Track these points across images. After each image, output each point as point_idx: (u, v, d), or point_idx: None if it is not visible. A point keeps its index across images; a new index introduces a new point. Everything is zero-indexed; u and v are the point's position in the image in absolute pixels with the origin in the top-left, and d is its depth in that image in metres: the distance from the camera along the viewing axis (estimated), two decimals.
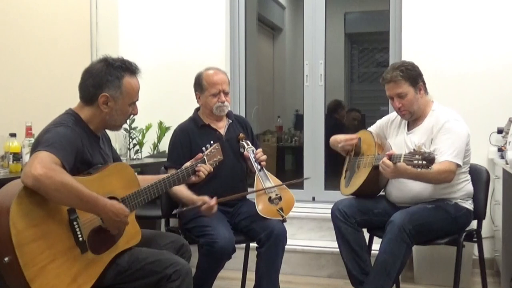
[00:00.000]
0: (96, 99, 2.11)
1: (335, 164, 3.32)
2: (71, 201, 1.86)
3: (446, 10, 3.98)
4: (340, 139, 3.06)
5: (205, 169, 2.39)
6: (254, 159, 2.92)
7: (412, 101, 2.77)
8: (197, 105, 3.07)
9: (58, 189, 1.79)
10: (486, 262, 2.85)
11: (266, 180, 2.88)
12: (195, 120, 3.01)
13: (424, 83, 2.82)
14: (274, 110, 7.31)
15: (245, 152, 2.94)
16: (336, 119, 5.96)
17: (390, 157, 2.58)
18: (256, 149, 2.97)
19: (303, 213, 4.07)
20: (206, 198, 2.64)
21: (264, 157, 2.96)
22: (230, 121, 3.05)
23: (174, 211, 2.68)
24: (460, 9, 3.95)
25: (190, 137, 2.92)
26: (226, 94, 2.95)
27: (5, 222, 1.70)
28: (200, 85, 2.95)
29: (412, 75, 2.77)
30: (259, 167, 2.91)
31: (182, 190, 2.69)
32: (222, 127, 3.02)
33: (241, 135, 3.00)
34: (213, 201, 2.63)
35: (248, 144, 2.96)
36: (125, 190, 2.13)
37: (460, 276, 2.72)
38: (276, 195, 2.84)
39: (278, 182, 2.91)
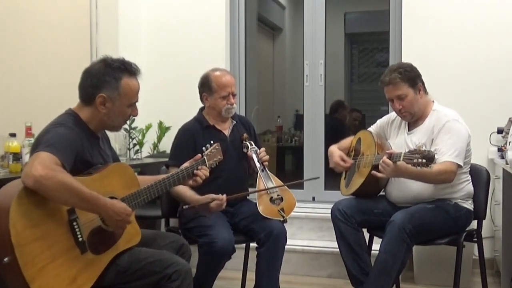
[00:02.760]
0: (94, 100, 2.11)
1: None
2: (71, 201, 1.86)
3: (446, 10, 3.98)
4: (334, 160, 3.01)
5: (203, 173, 2.39)
6: (257, 160, 2.92)
7: (412, 102, 2.77)
8: (198, 105, 3.06)
9: (58, 190, 1.79)
10: (486, 262, 2.85)
11: (268, 181, 2.89)
12: (199, 120, 3.00)
13: (423, 83, 2.82)
14: (274, 110, 7.31)
15: (249, 152, 2.95)
16: (338, 119, 5.96)
17: (390, 156, 2.59)
18: (259, 150, 2.98)
19: (303, 213, 4.07)
20: (213, 195, 2.65)
21: (267, 157, 2.97)
22: (235, 122, 3.05)
23: (185, 207, 2.67)
24: (460, 9, 3.95)
25: (194, 137, 2.91)
26: (234, 96, 2.95)
27: (4, 223, 1.70)
28: (208, 86, 2.94)
29: (411, 76, 2.77)
30: (261, 167, 2.92)
31: (185, 191, 2.70)
32: (226, 128, 3.02)
33: (245, 135, 3.01)
34: (224, 197, 2.66)
35: (251, 145, 2.97)
36: (125, 190, 2.13)
37: (460, 276, 2.72)
38: (278, 195, 2.85)
39: (280, 183, 2.92)
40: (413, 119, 2.85)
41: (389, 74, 2.78)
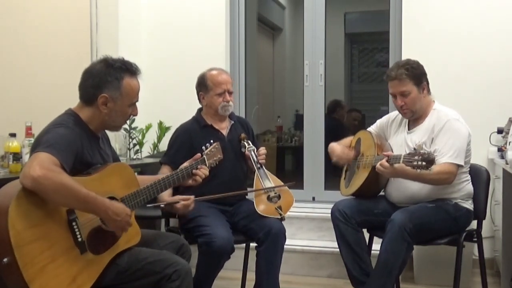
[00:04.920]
0: (95, 100, 2.11)
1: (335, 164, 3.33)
2: (69, 202, 1.86)
3: (446, 10, 3.98)
4: (336, 153, 3.03)
5: (202, 173, 2.39)
6: (254, 159, 2.93)
7: (414, 100, 2.77)
8: (198, 105, 3.08)
9: (56, 190, 1.79)
10: (486, 262, 2.84)
11: (266, 179, 2.90)
12: (197, 120, 3.01)
13: (428, 83, 2.82)
14: (274, 110, 7.32)
15: (246, 152, 2.95)
16: (336, 119, 5.96)
17: (389, 158, 2.58)
18: (257, 150, 2.99)
19: (303, 213, 4.07)
20: (181, 196, 2.58)
21: (264, 150, 2.98)
22: (232, 122, 3.06)
23: (149, 205, 2.47)
24: (460, 9, 3.95)
25: (192, 137, 2.92)
26: (230, 93, 2.97)
27: (4, 223, 1.70)
28: (204, 85, 2.96)
29: (417, 74, 2.77)
30: (258, 165, 2.93)
31: (162, 195, 2.57)
32: (224, 127, 3.02)
33: (243, 135, 3.02)
34: (191, 198, 2.56)
35: (249, 144, 2.98)
36: (124, 190, 2.13)
37: (460, 276, 2.72)
38: (275, 193, 2.85)
39: (278, 181, 2.93)
40: (413, 117, 2.85)
41: (395, 69, 2.78)
